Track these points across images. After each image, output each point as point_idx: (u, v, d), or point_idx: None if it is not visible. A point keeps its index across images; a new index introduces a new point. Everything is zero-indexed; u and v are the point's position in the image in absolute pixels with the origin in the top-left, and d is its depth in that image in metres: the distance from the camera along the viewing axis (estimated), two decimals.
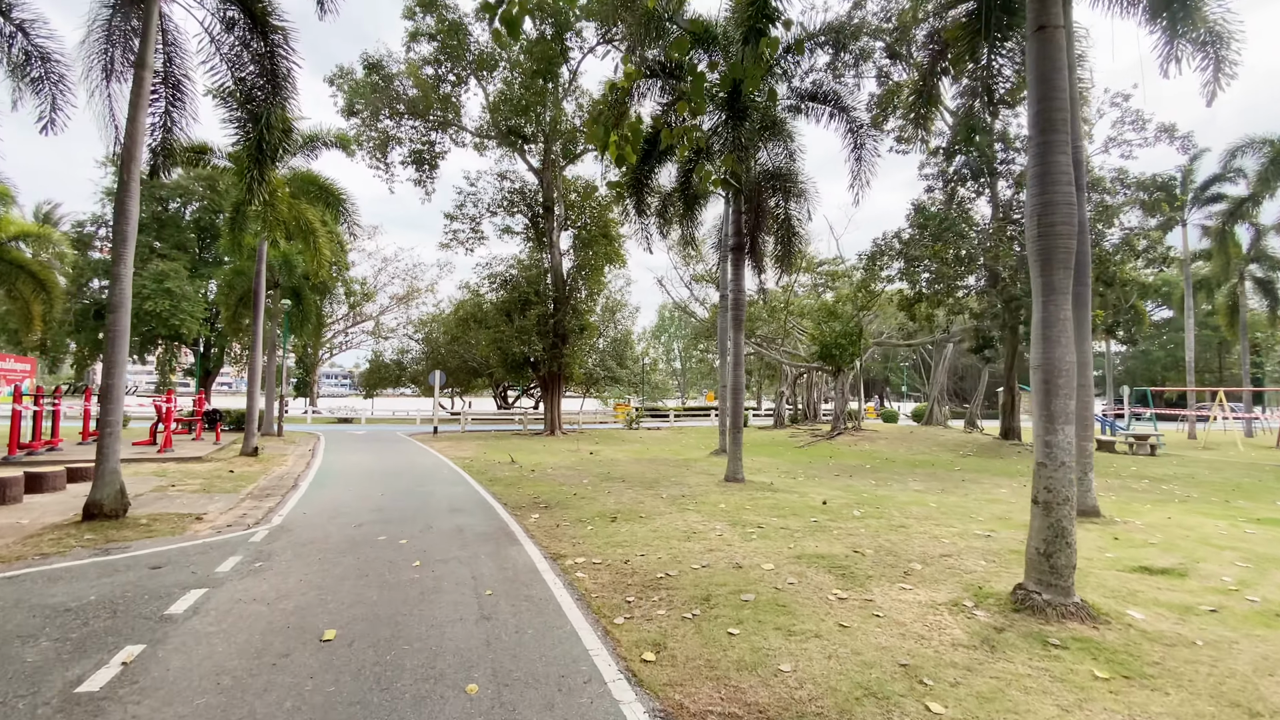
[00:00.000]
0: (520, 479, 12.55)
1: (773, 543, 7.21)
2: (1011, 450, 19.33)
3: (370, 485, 11.46)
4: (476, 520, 8.43)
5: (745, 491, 10.93)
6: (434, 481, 12.09)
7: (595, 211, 28.51)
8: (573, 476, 13.00)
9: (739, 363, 11.85)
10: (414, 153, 28.78)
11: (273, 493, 10.60)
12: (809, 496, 10.62)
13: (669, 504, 9.72)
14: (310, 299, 21.67)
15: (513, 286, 26.07)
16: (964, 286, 17.05)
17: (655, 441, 23.89)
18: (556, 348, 26.27)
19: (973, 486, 12.69)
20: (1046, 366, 5.05)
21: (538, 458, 16.89)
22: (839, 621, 4.76)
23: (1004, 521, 8.76)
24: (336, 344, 57.37)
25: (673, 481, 12.21)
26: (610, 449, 20.14)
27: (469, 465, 14.93)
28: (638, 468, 14.73)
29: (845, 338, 24.35)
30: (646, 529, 7.90)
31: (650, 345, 65.68)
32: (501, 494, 10.71)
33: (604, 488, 11.38)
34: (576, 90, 28.62)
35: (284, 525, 7.98)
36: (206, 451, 15.38)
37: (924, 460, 17.67)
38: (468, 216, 30.01)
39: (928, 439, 22.20)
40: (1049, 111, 5.22)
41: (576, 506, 9.46)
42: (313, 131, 15.33)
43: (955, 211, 17.54)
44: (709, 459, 16.89)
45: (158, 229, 37.35)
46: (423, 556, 6.48)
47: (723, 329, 17.79)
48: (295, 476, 12.56)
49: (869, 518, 8.85)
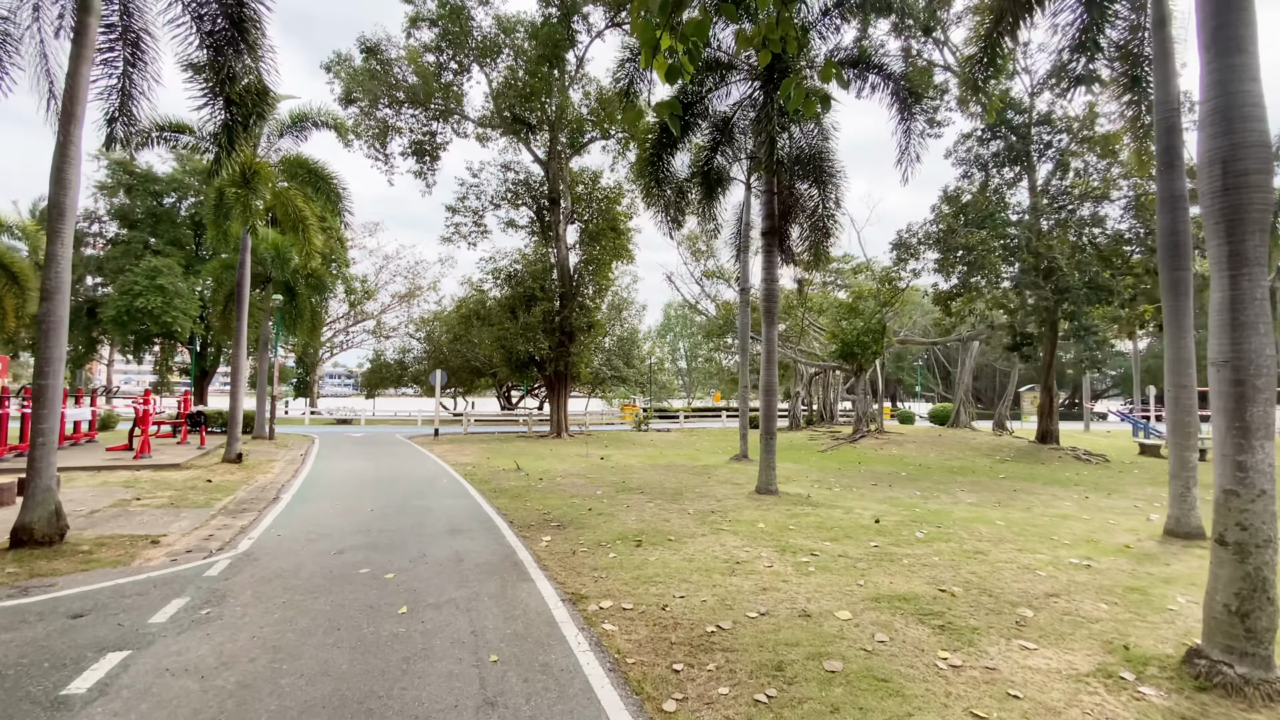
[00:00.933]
0: (527, 489, 11.33)
1: (836, 577, 5.96)
2: (1051, 455, 18.02)
3: (360, 498, 10.24)
4: (478, 544, 7.19)
5: (782, 506, 9.68)
6: (432, 493, 10.87)
7: (603, 204, 27.29)
8: (585, 487, 11.76)
9: (772, 360, 10.59)
10: (414, 143, 27.63)
11: (249, 507, 9.38)
12: (855, 512, 9.36)
13: (699, 522, 8.48)
14: (304, 294, 20.49)
15: (517, 282, 24.86)
16: (1007, 276, 15.74)
17: (667, 445, 22.65)
18: (563, 346, 25.04)
19: (1030, 498, 11.41)
20: (1238, 362, 3.78)
21: (545, 464, 15.66)
22: (969, 709, 3.51)
23: (1094, 546, 7.49)
24: (337, 343, 56.25)
25: (697, 493, 10.96)
26: (622, 453, 18.90)
27: (471, 473, 13.72)
28: (655, 475, 13.49)
29: (868, 335, 23.06)
30: (680, 557, 6.65)
31: (655, 345, 64.47)
32: (507, 509, 9.48)
33: (621, 501, 10.14)
34: (583, 78, 27.41)
35: (252, 552, 6.75)
36: (187, 457, 14.20)
37: (962, 466, 16.38)
38: (470, 209, 28.83)
39: (957, 442, 20.90)
40: (1231, 27, 3.96)
41: (593, 526, 8.22)
42: (301, 111, 14.15)
43: (994, 198, 16.22)
44: (729, 466, 15.64)
45: (153, 224, 36.26)
46: (412, 598, 5.25)
47: (743, 324, 16.55)
48: (279, 487, 11.35)
49: (935, 540, 7.59)
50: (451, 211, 28.57)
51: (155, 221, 36.16)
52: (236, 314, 13.95)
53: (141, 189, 35.95)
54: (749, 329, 16.65)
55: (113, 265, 34.85)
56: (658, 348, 64.89)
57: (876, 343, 23.24)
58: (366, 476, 12.83)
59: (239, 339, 14.03)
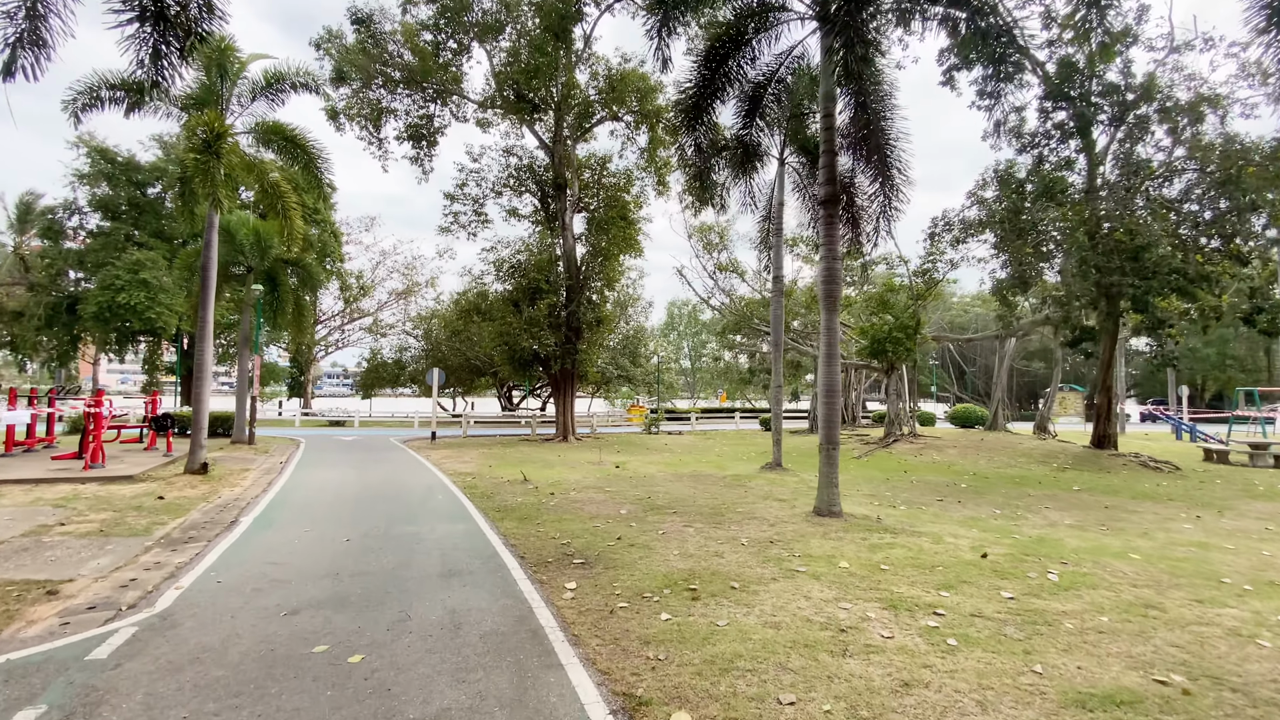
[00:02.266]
0: (537, 508, 9.53)
1: (995, 658, 4.17)
2: (1114, 462, 16.23)
3: (337, 521, 8.44)
4: (482, 597, 5.39)
5: (853, 533, 7.88)
6: (425, 514, 9.06)
7: (611, 192, 25.50)
8: (605, 504, 9.97)
9: (833, 355, 8.79)
10: (410, 126, 25.82)
11: (198, 535, 7.58)
12: (946, 541, 7.57)
13: (760, 557, 6.68)
14: (287, 284, 18.66)
15: (521, 273, 23.03)
16: (1087, 260, 13.93)
17: (684, 449, 20.85)
18: (570, 342, 23.23)
19: (1134, 518, 9.63)
20: None
21: (554, 473, 13.87)
22: None
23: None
24: (332, 341, 54.42)
25: (741, 513, 9.16)
26: (637, 459, 17.10)
27: (471, 485, 11.92)
28: (683, 488, 11.70)
29: (901, 331, 21.27)
30: (758, 619, 4.86)
31: (659, 344, 62.61)
32: (516, 536, 7.68)
33: (653, 524, 8.34)
34: (591, 58, 25.59)
35: (172, 612, 4.95)
36: (146, 467, 12.40)
37: (1021, 475, 14.59)
38: (470, 197, 27.00)
39: (1002, 446, 19.10)
40: None
41: (628, 563, 6.42)
42: (276, 70, 12.35)
43: (1058, 174, 14.42)
44: (764, 476, 13.84)
45: (135, 216, 34.45)
46: (382, 709, 3.45)
47: (776, 316, 14.75)
48: (243, 505, 9.55)
49: (1079, 586, 5.81)
50: (450, 199, 26.76)
51: (138, 213, 34.31)
52: (201, 303, 12.15)
53: (123, 178, 34.15)
54: (782, 321, 14.85)
55: (93, 259, 33.04)
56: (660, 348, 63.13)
57: (910, 339, 21.45)
58: (349, 491, 11.02)
59: (203, 331, 12.22)
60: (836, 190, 9.01)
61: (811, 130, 14.79)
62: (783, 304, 14.90)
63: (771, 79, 10.57)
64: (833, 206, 8.93)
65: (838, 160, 9.20)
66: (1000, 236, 14.64)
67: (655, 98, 23.75)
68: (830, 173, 8.95)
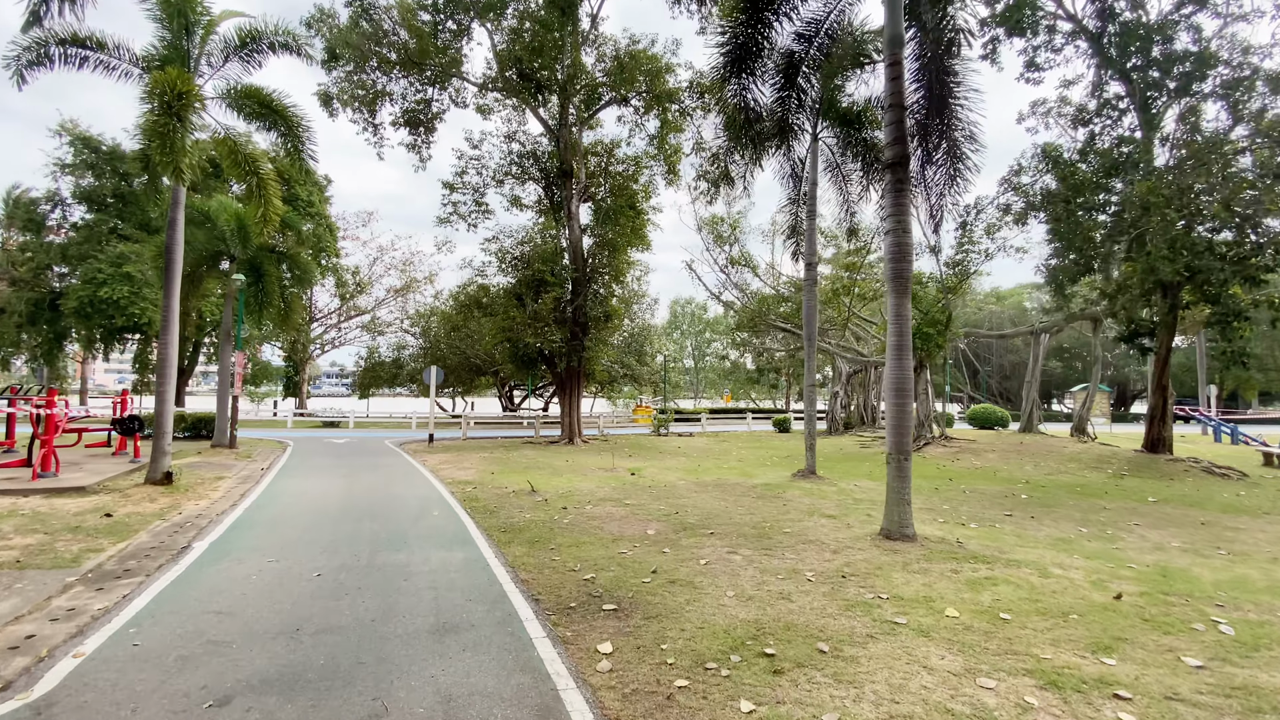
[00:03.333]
0: (550, 527, 8.12)
1: None
2: (1174, 468, 14.83)
3: (310, 547, 7.02)
4: (488, 671, 3.97)
5: (940, 563, 6.48)
6: (416, 537, 7.64)
7: (619, 180, 24.08)
8: (628, 521, 8.56)
9: (904, 348, 7.39)
10: (407, 112, 24.40)
11: (136, 568, 6.18)
12: (1054, 573, 6.17)
13: (839, 600, 5.28)
14: (274, 275, 17.22)
15: (525, 264, 21.60)
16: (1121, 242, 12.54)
17: (699, 453, 19.45)
18: (576, 339, 21.82)
19: (1244, 537, 8.24)
20: None
21: (564, 481, 12.46)
22: None
23: None
24: (328, 340, 52.92)
25: (791, 534, 7.75)
26: (652, 465, 15.69)
27: (472, 497, 10.51)
28: (713, 501, 10.29)
29: (931, 326, 19.89)
30: (874, 709, 3.46)
31: (663, 342, 61.14)
32: (527, 566, 6.28)
33: (691, 550, 6.94)
34: (598, 39, 24.18)
35: (53, 700, 3.53)
36: (105, 476, 10.99)
37: (1082, 485, 13.19)
38: (469, 186, 25.58)
39: (1044, 450, 17.70)
40: None
41: (674, 610, 5.02)
42: (252, 28, 10.93)
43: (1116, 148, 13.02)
44: (798, 486, 12.44)
45: (120, 207, 32.99)
46: None
47: (809, 308, 13.35)
48: (203, 525, 8.13)
49: (1272, 644, 4.41)
50: (449, 189, 25.33)
51: (123, 204, 32.81)
52: (165, 290, 10.73)
53: (107, 168, 32.71)
54: (815, 313, 13.43)
55: (75, 252, 31.62)
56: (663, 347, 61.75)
57: (941, 335, 20.08)
58: (332, 504, 9.60)
59: (167, 323, 10.79)
60: (906, 150, 7.60)
61: (848, 101, 13.38)
62: (816, 294, 13.49)
63: (819, 32, 9.18)
64: (902, 169, 7.52)
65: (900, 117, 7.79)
66: (1056, 219, 13.22)
67: (667, 79, 22.31)
68: (899, 129, 7.54)
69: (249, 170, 11.21)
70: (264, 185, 11.32)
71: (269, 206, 11.51)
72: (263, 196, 11.46)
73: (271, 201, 11.55)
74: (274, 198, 11.63)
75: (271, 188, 11.48)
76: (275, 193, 11.80)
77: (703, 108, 21.57)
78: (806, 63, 10.43)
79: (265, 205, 11.48)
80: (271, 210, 11.60)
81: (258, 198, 11.49)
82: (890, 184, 7.58)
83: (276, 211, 11.74)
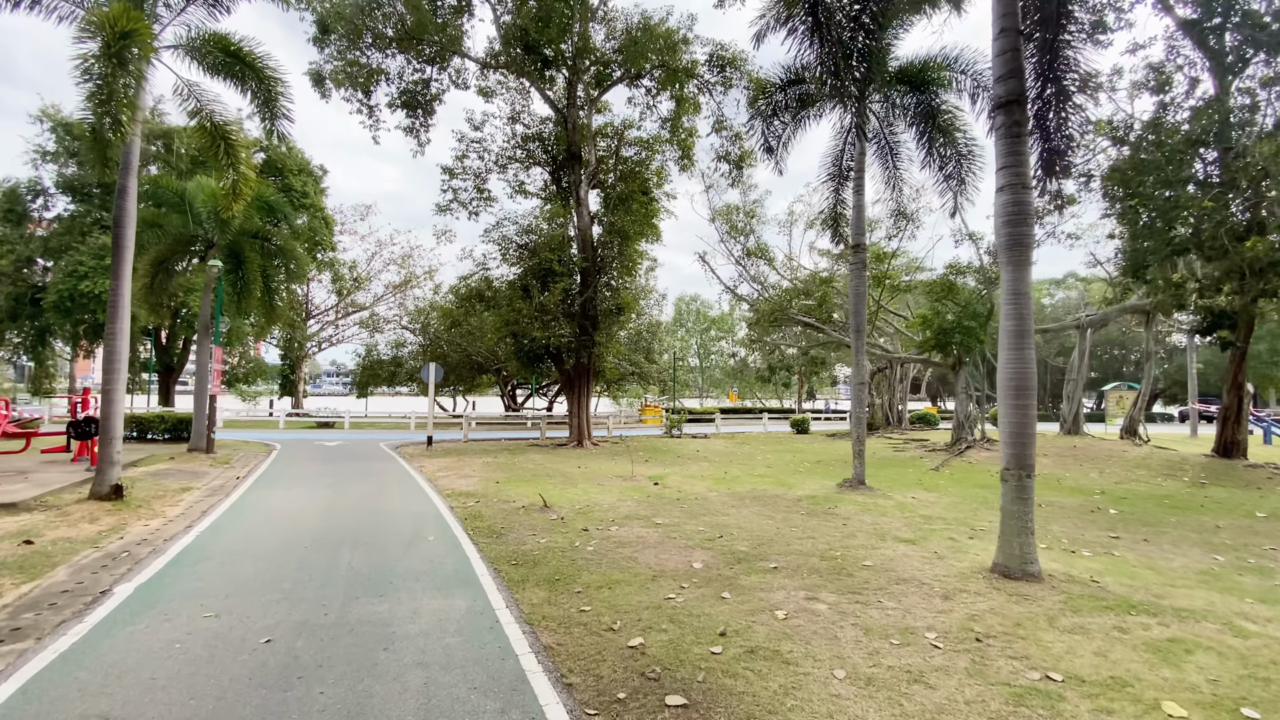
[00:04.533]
0: (572, 558, 6.56)
1: None
2: (1256, 474, 13.25)
3: (268, 592, 5.45)
4: None
5: (1093, 614, 4.91)
6: (404, 576, 6.06)
7: (631, 165, 22.49)
8: (664, 547, 7.00)
9: (1024, 332, 5.81)
10: (404, 92, 22.84)
11: (28, 627, 4.61)
12: (1246, 628, 4.62)
13: (992, 684, 3.71)
14: (255, 262, 15.64)
15: (531, 253, 20.01)
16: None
17: (722, 458, 17.88)
18: (586, 333, 20.25)
19: None
20: None
21: (580, 493, 10.91)
22: None
23: None
24: (325, 337, 51.33)
25: (878, 570, 6.19)
26: (674, 472, 14.13)
27: (475, 514, 8.95)
28: (756, 518, 8.73)
29: (972, 319, 18.31)
30: None
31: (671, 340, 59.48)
32: (550, 624, 4.71)
33: (757, 594, 5.37)
34: (607, 14, 22.56)
35: None
36: (48, 489, 9.45)
37: (1165, 495, 11.61)
38: (470, 171, 24.01)
39: (1102, 455, 16.11)
40: None
41: (766, 703, 3.46)
42: None
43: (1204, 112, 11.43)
44: (848, 498, 10.88)
45: (105, 196, 31.44)
46: None
47: (856, 293, 11.77)
48: (144, 555, 6.58)
49: None
50: (448, 174, 23.73)
51: (108, 194, 31.29)
52: (114, 270, 9.19)
53: None
54: (864, 299, 11.84)
55: (57, 244, 30.13)
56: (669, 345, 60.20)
57: (982, 329, 18.50)
58: (306, 527, 8.03)
59: (115, 308, 9.23)
60: (1022, 86, 6.02)
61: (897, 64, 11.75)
62: (865, 277, 11.90)
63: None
64: (1018, 109, 5.95)
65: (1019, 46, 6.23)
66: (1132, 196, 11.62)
67: (682, 54, 20.62)
68: (1014, 60, 5.96)
69: (214, 133, 9.63)
70: (232, 149, 9.75)
71: (239, 175, 9.94)
72: (230, 161, 9.89)
73: (241, 170, 9.98)
74: (245, 165, 10.07)
75: (238, 148, 9.91)
76: (247, 160, 10.24)
77: (723, 83, 19.94)
78: (859, 11, 8.89)
79: (235, 174, 9.92)
80: (243, 180, 10.04)
81: (224, 161, 9.91)
82: (1003, 128, 6.01)
83: (248, 182, 10.17)
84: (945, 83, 10.41)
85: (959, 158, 11.28)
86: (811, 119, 12.77)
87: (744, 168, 20.76)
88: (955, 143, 10.76)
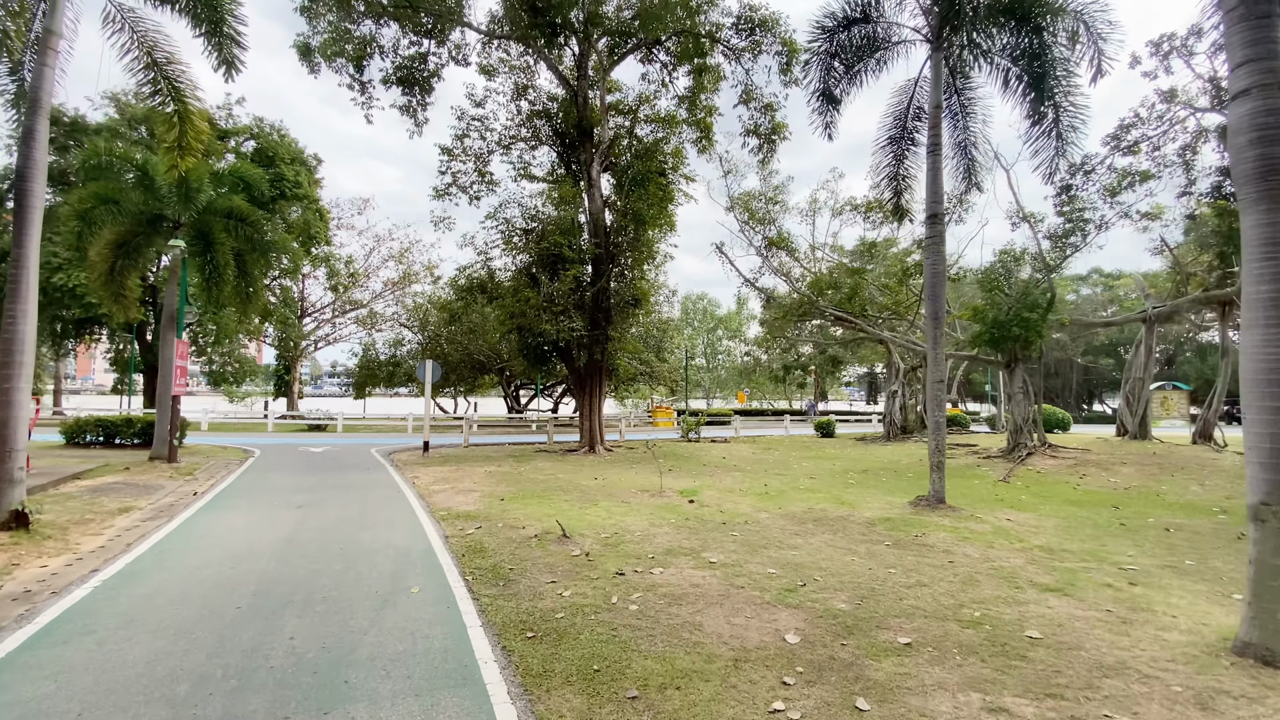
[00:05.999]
0: (611, 626, 4.65)
1: None
2: None
3: (148, 705, 3.55)
4: None
5: None
6: (367, 666, 4.14)
7: (646, 144, 20.56)
8: (733, 604, 5.08)
9: None
10: (400, 68, 20.94)
11: None
12: None
13: None
14: (224, 244, 13.74)
15: (539, 237, 18.09)
16: None
17: (753, 466, 15.94)
18: (599, 327, 18.35)
19: None
20: None
21: (602, 513, 8.99)
22: None
23: None
24: (321, 336, 49.44)
25: (1056, 646, 4.26)
26: (707, 485, 12.18)
27: (476, 548, 7.03)
28: (832, 552, 6.81)
29: (1031, 310, 16.35)
30: None
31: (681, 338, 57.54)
32: None
33: (903, 700, 3.44)
34: None
35: None
36: None
37: None
38: (471, 152, 22.14)
39: (1191, 464, 14.14)
40: None
41: None
42: None
43: None
44: (935, 521, 8.95)
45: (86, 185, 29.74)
46: None
47: (932, 273, 9.84)
48: (3, 624, 4.68)
49: None
50: (447, 154, 21.86)
51: (89, 180, 29.56)
52: (15, 237, 7.28)
53: (71, 142, 29.38)
54: (943, 282, 9.88)
55: None
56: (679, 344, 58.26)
57: (1043, 321, 16.55)
58: (248, 574, 6.10)
59: (17, 284, 7.28)
60: None
61: None
62: (943, 254, 9.95)
63: None
64: None
65: None
66: None
67: (705, 14, 18.51)
68: None
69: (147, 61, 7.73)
70: (177, 92, 7.85)
71: (186, 124, 8.05)
72: (177, 108, 7.99)
73: (191, 118, 8.09)
74: (194, 115, 8.17)
75: (189, 99, 8.01)
76: (200, 112, 8.34)
77: (752, 48, 17.98)
78: None
79: (180, 122, 8.02)
80: (191, 131, 8.14)
81: (168, 106, 8.01)
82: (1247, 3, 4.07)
83: (199, 135, 8.28)
84: (1061, 10, 8.47)
85: (1056, 110, 9.40)
86: (870, 72, 10.89)
87: (776, 141, 18.80)
88: (1063, 90, 8.85)
